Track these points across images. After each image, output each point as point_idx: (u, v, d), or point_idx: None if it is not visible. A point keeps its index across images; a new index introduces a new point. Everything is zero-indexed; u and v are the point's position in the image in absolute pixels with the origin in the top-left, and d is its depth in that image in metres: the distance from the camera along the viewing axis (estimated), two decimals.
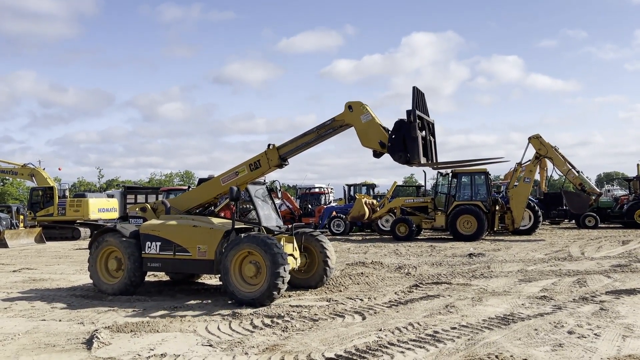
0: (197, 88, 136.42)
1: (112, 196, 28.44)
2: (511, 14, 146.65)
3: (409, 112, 8.28)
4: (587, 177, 20.69)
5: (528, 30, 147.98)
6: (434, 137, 8.97)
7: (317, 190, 30.74)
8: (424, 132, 8.46)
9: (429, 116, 8.84)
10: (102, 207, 24.96)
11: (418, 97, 8.42)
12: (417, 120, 8.23)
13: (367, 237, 22.16)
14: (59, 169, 53.23)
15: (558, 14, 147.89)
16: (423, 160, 8.34)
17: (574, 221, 25.66)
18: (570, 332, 6.04)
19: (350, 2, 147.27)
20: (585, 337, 5.82)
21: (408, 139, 8.13)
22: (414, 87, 8.45)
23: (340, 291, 9.06)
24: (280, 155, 8.87)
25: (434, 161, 8.91)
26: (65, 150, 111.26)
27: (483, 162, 10.85)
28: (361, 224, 24.37)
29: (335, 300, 8.16)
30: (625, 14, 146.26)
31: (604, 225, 24.59)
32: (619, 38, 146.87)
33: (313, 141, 8.77)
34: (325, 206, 26.99)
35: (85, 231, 23.66)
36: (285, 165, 9.03)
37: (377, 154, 8.55)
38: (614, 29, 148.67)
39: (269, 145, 8.96)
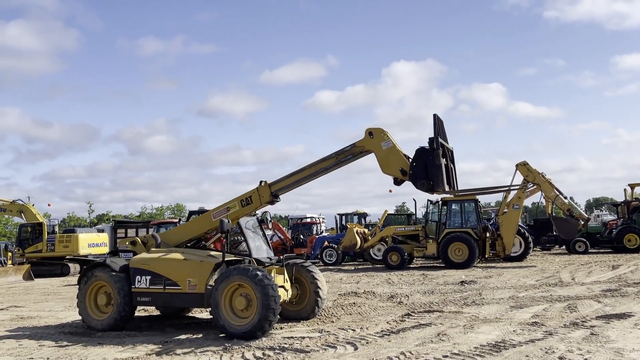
0: (181, 121, 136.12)
1: (102, 231, 28.20)
2: (488, 43, 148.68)
3: (431, 140, 8.31)
4: (576, 203, 20.95)
5: (506, 59, 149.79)
6: (454, 164, 8.95)
7: (308, 220, 30.73)
8: (445, 160, 8.44)
9: (448, 143, 8.86)
10: (92, 242, 24.72)
11: (439, 124, 8.44)
12: (440, 148, 8.24)
13: (360, 267, 22.09)
14: (49, 205, 52.43)
15: (534, 43, 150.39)
16: (447, 187, 8.32)
17: (564, 247, 25.82)
18: (561, 358, 6.05)
19: (331, 32, 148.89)
20: None
21: (431, 166, 8.13)
22: (434, 115, 8.51)
23: (332, 322, 9.01)
24: (272, 192, 8.92)
25: (456, 188, 8.87)
26: (51, 186, 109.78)
27: (501, 190, 10.45)
28: (353, 254, 24.31)
29: (327, 331, 8.12)
30: (601, 42, 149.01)
31: (593, 251, 24.75)
32: (596, 65, 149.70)
33: (332, 166, 8.71)
34: (317, 236, 26.96)
35: (74, 267, 23.32)
36: (277, 201, 9.09)
37: (397, 182, 8.54)
38: (591, 56, 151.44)
39: (260, 182, 9.04)
